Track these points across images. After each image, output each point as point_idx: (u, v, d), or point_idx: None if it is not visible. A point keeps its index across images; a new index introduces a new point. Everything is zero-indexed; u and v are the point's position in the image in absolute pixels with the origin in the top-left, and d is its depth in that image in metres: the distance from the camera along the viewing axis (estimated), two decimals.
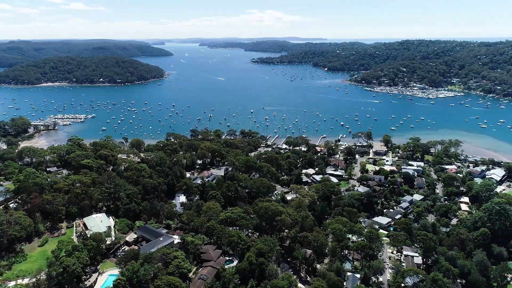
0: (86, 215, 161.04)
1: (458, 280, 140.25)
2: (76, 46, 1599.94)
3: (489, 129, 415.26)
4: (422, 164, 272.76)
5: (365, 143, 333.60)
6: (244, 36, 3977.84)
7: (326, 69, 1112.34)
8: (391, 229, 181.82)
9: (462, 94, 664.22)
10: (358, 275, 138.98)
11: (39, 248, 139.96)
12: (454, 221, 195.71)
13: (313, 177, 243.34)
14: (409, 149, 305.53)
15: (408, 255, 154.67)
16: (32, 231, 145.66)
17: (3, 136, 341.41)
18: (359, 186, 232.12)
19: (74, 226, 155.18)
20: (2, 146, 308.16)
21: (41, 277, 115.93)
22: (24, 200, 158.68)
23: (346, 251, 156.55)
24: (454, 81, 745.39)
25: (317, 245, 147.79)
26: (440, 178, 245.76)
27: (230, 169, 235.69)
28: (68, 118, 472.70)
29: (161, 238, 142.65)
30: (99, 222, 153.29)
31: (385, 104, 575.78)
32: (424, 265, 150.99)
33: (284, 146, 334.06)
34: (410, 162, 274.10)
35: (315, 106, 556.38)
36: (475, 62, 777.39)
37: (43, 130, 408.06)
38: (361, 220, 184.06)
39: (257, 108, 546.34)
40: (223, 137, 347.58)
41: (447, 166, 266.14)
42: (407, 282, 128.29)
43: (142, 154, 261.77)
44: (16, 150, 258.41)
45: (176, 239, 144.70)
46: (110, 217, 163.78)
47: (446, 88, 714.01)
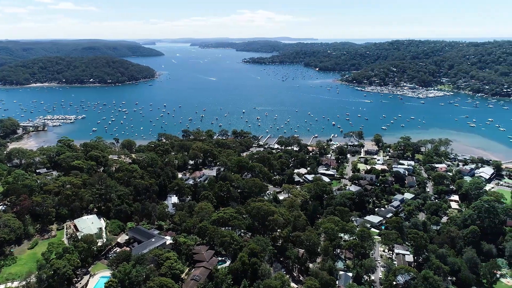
0: (77, 216, 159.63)
1: (448, 278, 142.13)
2: (66, 46, 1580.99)
3: (478, 128, 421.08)
4: (412, 163, 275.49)
5: (356, 143, 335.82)
6: (235, 36, 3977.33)
7: (317, 69, 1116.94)
8: (383, 227, 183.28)
9: (452, 93, 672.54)
10: (350, 274, 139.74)
11: (29, 251, 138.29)
12: (444, 219, 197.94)
13: (305, 177, 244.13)
14: (400, 148, 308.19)
15: (400, 253, 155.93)
16: (22, 234, 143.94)
17: None
18: (351, 185, 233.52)
19: (65, 228, 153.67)
20: None
21: (31, 280, 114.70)
22: (13, 202, 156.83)
23: (338, 250, 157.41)
24: (444, 80, 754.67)
25: (310, 244, 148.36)
26: (430, 177, 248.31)
27: (222, 169, 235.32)
28: (57, 119, 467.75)
29: (153, 239, 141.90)
30: (90, 224, 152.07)
31: (376, 104, 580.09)
32: (415, 263, 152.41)
33: (276, 146, 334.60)
34: (401, 161, 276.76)
35: (307, 106, 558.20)
36: (464, 62, 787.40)
37: (32, 131, 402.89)
38: (353, 219, 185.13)
39: (249, 108, 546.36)
40: (215, 137, 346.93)
41: (437, 165, 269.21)
42: (398, 280, 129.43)
43: (133, 155, 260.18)
44: (5, 152, 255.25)
45: (168, 240, 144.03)
46: (101, 219, 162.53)
47: (436, 88, 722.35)
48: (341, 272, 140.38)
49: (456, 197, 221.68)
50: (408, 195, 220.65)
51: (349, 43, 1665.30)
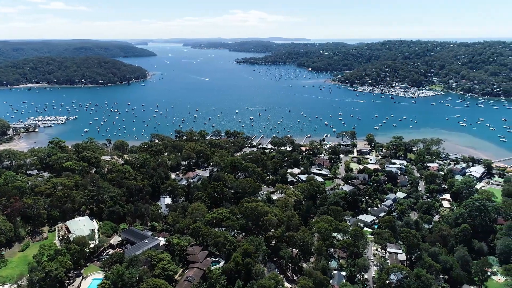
0: (69, 218, 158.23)
1: (440, 276, 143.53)
2: (57, 46, 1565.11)
3: (468, 128, 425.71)
4: (405, 162, 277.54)
5: (349, 142, 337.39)
6: (228, 36, 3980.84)
7: (310, 69, 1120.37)
8: (376, 226, 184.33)
9: (443, 93, 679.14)
10: (343, 273, 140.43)
11: (20, 253, 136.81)
12: (436, 217, 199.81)
13: (298, 177, 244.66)
14: (392, 148, 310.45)
15: (392, 252, 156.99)
16: (13, 236, 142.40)
17: None
18: (344, 185, 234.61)
19: (57, 230, 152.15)
20: None
21: (23, 283, 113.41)
22: (3, 204, 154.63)
23: (332, 250, 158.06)
24: (435, 80, 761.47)
25: (303, 244, 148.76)
26: (422, 176, 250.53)
27: (215, 169, 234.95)
28: (49, 119, 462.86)
29: (146, 241, 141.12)
30: (82, 226, 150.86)
31: (368, 104, 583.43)
32: (408, 262, 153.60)
33: (270, 146, 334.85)
34: (393, 161, 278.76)
35: (300, 106, 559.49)
36: (454, 62, 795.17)
37: (23, 132, 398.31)
38: (346, 218, 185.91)
39: (242, 108, 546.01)
40: (208, 137, 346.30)
41: (429, 164, 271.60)
42: (391, 279, 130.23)
43: (126, 156, 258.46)
44: None
45: (162, 241, 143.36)
46: (94, 220, 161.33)
47: (427, 88, 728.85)
48: (335, 272, 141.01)
49: (447, 196, 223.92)
50: (400, 194, 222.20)
51: (341, 43, 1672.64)
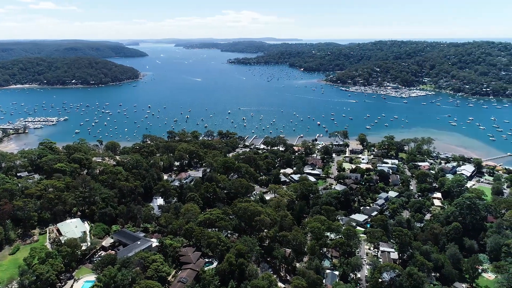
0: (60, 220, 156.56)
1: (432, 274, 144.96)
2: (47, 47, 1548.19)
3: (459, 127, 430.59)
4: (396, 161, 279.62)
5: (341, 142, 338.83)
6: (220, 37, 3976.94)
7: (302, 69, 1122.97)
8: (368, 226, 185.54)
9: (433, 93, 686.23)
10: (336, 272, 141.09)
11: (10, 256, 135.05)
12: (428, 216, 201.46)
13: (291, 177, 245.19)
14: (384, 147, 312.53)
15: (385, 251, 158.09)
16: (2, 239, 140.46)
17: None
18: (336, 184, 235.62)
19: (48, 233, 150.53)
20: None
21: (13, 286, 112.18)
22: None
23: (325, 249, 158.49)
24: (426, 80, 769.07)
25: (296, 244, 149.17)
26: (413, 175, 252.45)
27: (208, 170, 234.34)
28: (39, 121, 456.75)
29: (139, 242, 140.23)
30: (73, 228, 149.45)
31: (360, 104, 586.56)
32: (400, 260, 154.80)
33: (262, 146, 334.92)
34: (385, 160, 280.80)
35: (292, 106, 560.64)
36: (445, 62, 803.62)
37: (13, 134, 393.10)
38: (339, 218, 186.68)
39: (235, 108, 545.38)
40: (201, 138, 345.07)
41: (420, 163, 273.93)
42: (384, 277, 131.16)
43: (117, 157, 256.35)
44: None
45: (154, 242, 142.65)
46: (85, 222, 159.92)
47: (418, 88, 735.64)
48: (328, 271, 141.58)
49: (438, 195, 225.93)
50: (392, 193, 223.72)
51: (333, 44, 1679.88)
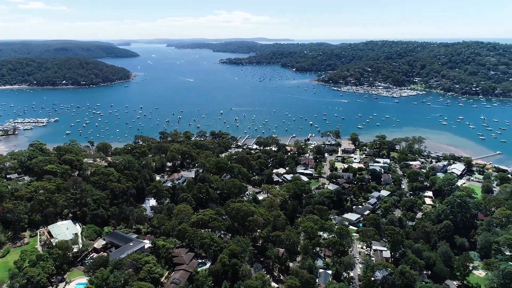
0: (51, 222, 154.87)
1: (424, 271, 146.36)
2: (36, 47, 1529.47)
3: (449, 126, 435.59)
4: (388, 160, 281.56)
5: (333, 142, 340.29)
6: (212, 37, 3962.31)
7: (294, 69, 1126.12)
8: (360, 225, 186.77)
9: (424, 92, 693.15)
10: (329, 271, 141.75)
11: (0, 259, 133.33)
12: (419, 215, 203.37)
13: (284, 177, 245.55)
14: (376, 147, 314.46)
15: (377, 250, 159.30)
16: None
17: None
18: (329, 184, 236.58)
19: (38, 235, 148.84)
20: None
21: None
22: None
23: (318, 248, 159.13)
24: (416, 80, 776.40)
25: (289, 243, 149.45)
26: (405, 174, 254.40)
27: (200, 170, 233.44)
28: (29, 122, 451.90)
29: (131, 243, 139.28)
30: (65, 230, 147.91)
31: (352, 103, 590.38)
32: (393, 259, 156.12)
33: (255, 146, 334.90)
34: (377, 159, 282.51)
35: (285, 106, 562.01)
36: (435, 62, 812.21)
37: (2, 135, 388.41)
38: (332, 217, 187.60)
39: (227, 109, 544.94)
40: (193, 138, 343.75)
41: (411, 162, 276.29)
42: (376, 276, 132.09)
43: (109, 158, 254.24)
44: None
45: (147, 243, 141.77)
46: (77, 224, 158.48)
47: (409, 87, 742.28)
48: (321, 270, 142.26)
49: (430, 193, 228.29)
50: (384, 192, 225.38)
51: (324, 44, 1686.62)
